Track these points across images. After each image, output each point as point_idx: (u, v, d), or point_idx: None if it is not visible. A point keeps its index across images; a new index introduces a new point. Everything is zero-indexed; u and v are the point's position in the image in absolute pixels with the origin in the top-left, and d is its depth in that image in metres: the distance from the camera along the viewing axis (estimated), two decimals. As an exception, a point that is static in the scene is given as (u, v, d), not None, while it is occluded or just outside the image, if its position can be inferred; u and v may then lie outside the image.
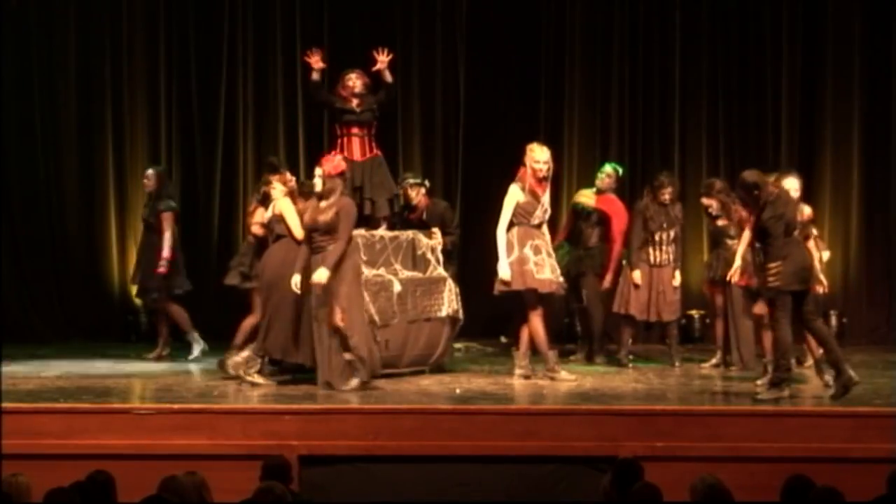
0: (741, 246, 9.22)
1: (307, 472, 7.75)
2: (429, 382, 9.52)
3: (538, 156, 9.46)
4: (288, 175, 9.93)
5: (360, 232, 9.69)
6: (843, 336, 12.27)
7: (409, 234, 10.13)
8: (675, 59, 12.76)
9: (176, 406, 8.27)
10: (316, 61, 10.32)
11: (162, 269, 10.71)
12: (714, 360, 10.50)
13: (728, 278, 9.48)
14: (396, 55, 10.66)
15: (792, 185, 9.21)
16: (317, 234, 9.04)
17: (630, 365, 10.56)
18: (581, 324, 11.31)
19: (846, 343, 12.16)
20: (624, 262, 10.87)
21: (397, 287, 9.74)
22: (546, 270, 9.44)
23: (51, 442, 7.86)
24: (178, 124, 12.79)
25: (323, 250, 8.96)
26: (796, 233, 8.83)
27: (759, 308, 9.47)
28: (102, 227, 12.68)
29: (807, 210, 9.65)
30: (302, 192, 9.69)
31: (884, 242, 12.62)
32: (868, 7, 12.63)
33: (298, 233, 9.33)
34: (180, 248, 11.09)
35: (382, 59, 10.26)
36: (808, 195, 12.63)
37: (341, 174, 9.15)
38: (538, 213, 9.48)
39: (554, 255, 9.69)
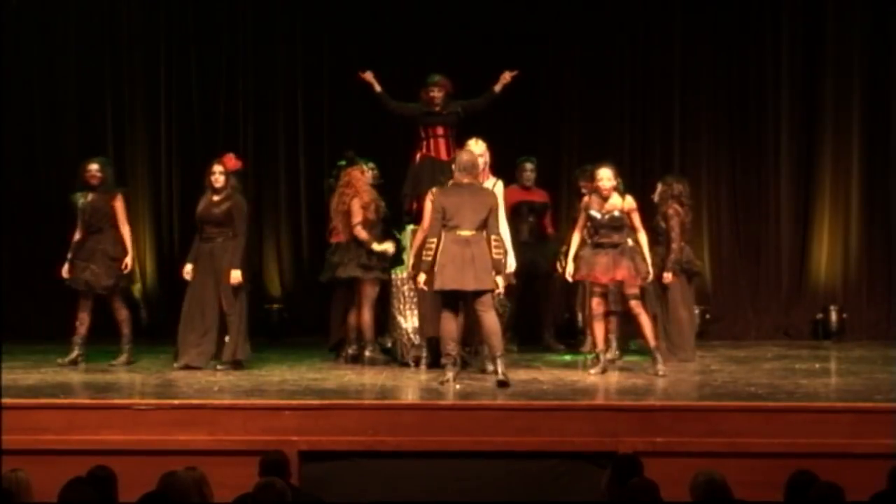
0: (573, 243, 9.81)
1: (307, 468, 7.76)
2: (428, 378, 9.53)
3: (473, 149, 9.65)
4: (365, 167, 10.42)
5: None
6: (844, 331, 12.28)
7: None
8: (676, 59, 12.76)
9: (176, 401, 8.28)
10: (370, 79, 10.64)
11: None
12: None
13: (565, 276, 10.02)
14: (395, 58, 10.69)
15: (605, 174, 9.65)
16: (209, 225, 9.95)
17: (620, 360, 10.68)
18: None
19: (847, 339, 12.19)
20: None
21: None
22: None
23: (51, 437, 7.88)
24: (178, 125, 12.79)
25: (213, 241, 9.90)
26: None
27: (596, 303, 9.69)
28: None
29: (629, 200, 9.72)
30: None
31: (884, 238, 12.61)
32: (868, 7, 12.64)
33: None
34: None
35: (506, 76, 10.67)
36: (808, 194, 12.72)
37: (236, 171, 10.06)
38: None
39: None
